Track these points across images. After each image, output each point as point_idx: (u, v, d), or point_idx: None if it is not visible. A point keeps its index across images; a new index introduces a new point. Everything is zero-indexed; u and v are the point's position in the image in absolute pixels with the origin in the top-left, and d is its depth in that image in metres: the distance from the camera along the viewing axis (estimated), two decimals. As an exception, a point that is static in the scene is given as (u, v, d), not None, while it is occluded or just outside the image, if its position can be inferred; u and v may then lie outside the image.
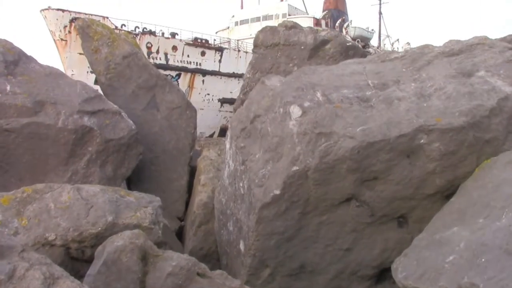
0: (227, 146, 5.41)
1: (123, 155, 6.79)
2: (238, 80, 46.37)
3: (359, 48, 6.72)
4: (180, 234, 7.55)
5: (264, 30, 7.26)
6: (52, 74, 6.97)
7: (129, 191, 5.21)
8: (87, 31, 7.84)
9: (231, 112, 47.85)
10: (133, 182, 7.63)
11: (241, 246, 5.15)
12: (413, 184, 4.75)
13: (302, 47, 6.71)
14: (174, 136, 7.81)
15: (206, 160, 7.15)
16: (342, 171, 4.63)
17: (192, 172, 8.15)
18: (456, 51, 5.42)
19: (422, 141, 4.60)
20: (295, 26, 6.93)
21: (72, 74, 38.76)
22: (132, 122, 6.97)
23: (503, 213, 3.97)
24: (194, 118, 8.04)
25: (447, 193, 4.83)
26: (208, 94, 45.48)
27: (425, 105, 4.78)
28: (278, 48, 6.91)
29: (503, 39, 6.36)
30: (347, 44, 6.60)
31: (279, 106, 4.88)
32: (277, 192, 4.66)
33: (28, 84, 6.58)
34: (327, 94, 4.90)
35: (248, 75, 7.16)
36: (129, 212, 4.76)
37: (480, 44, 5.47)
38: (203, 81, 44.70)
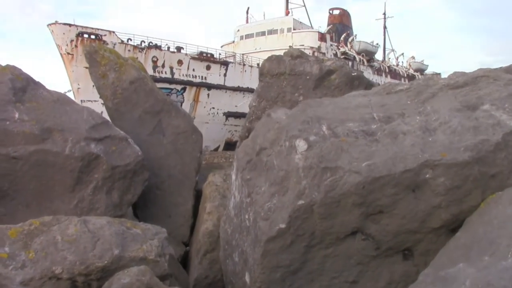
0: (233, 177, 5.44)
1: (129, 181, 6.82)
2: (243, 94, 46.58)
3: (364, 77, 6.75)
4: (185, 259, 7.56)
5: (270, 59, 7.31)
6: (60, 100, 7.04)
7: (135, 223, 5.24)
8: (95, 57, 7.93)
9: (236, 125, 48.02)
10: (139, 206, 7.66)
11: (247, 278, 5.15)
12: (419, 218, 4.76)
13: (308, 77, 6.75)
14: (180, 160, 7.85)
15: (211, 185, 7.18)
16: (348, 205, 4.64)
17: (198, 196, 8.17)
18: (461, 83, 5.44)
19: (427, 176, 4.62)
20: (300, 55, 6.97)
21: (78, 88, 39.06)
22: (139, 148, 7.01)
23: (508, 251, 3.98)
24: (200, 142, 8.08)
25: (453, 227, 4.83)
26: (213, 108, 45.59)
27: (430, 139, 4.80)
28: (284, 77, 6.94)
29: (508, 69, 6.37)
30: (352, 74, 6.63)
31: (285, 139, 4.91)
32: (283, 226, 4.68)
33: (36, 111, 6.64)
34: (332, 127, 4.93)
35: (254, 104, 7.19)
36: (136, 245, 4.78)
37: (484, 76, 5.50)
38: (208, 95, 44.84)
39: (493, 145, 4.70)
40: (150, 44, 41.98)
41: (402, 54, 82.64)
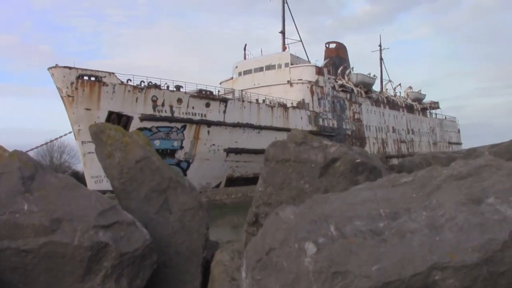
0: (243, 274, 5.47)
1: (138, 267, 6.84)
2: (243, 129, 46.96)
3: (367, 163, 6.84)
4: None
5: (274, 145, 7.42)
6: (68, 186, 7.13)
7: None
8: (101, 136, 8.06)
9: (237, 161, 48.22)
10: (147, 286, 7.65)
11: None
12: (430, 317, 4.78)
13: (313, 165, 6.85)
14: (187, 237, 7.89)
15: (219, 266, 7.20)
16: (359, 308, 4.68)
17: (206, 268, 8.16)
18: (464, 174, 5.54)
19: (436, 277, 4.66)
20: (304, 141, 7.07)
21: (79, 129, 39.46)
22: (146, 231, 7.06)
23: None
24: (206, 218, 8.14)
25: (465, 324, 4.85)
26: (214, 145, 45.94)
27: (437, 238, 4.86)
28: (289, 164, 7.04)
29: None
30: (356, 161, 6.75)
31: (294, 241, 4.97)
32: (295, 331, 4.71)
33: (44, 200, 6.73)
34: (340, 227, 5.00)
35: (260, 189, 7.28)
36: None
37: (487, 166, 5.60)
38: (208, 132, 45.22)
39: (500, 244, 4.75)
40: (150, 83, 42.64)
41: (399, 84, 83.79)
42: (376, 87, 75.28)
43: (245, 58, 61.26)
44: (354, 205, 5.29)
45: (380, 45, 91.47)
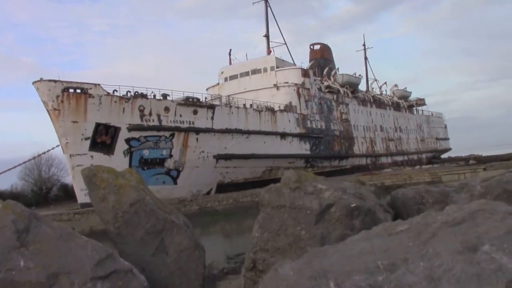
0: (244, 332, 5.52)
1: (137, 317, 6.82)
2: (232, 135, 46.97)
3: (362, 207, 6.91)
4: None
5: (269, 190, 7.43)
6: (63, 236, 7.08)
7: None
8: (94, 180, 8.01)
9: (227, 167, 48.19)
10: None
11: None
12: None
13: (308, 212, 6.89)
14: (185, 278, 7.87)
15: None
16: None
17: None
18: (459, 220, 5.60)
19: (436, 333, 4.73)
20: (299, 186, 7.11)
21: (67, 143, 39.17)
22: (144, 278, 7.03)
23: None
24: (203, 257, 8.13)
25: None
26: (203, 152, 45.88)
27: (436, 292, 4.92)
28: (285, 210, 7.07)
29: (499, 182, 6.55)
30: (351, 205, 6.80)
31: (294, 299, 5.01)
32: None
33: (41, 254, 6.67)
34: (340, 283, 5.04)
35: (256, 234, 7.29)
36: None
37: (481, 210, 5.67)
38: (197, 139, 45.14)
39: (498, 296, 4.83)
40: (136, 93, 42.47)
41: (385, 83, 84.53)
42: (362, 87, 75.75)
43: (230, 63, 61.22)
44: (352, 258, 5.33)
45: (364, 45, 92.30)
